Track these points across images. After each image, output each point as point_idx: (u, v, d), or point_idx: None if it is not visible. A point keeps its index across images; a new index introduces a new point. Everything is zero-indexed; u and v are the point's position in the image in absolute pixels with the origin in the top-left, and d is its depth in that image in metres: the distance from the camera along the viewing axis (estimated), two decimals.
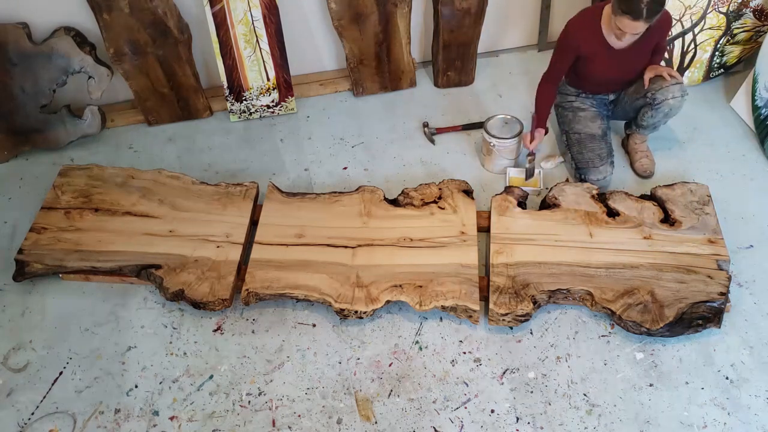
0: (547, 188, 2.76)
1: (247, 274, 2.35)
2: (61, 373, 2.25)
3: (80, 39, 2.82)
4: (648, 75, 2.56)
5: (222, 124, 3.15)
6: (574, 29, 2.54)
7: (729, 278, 2.26)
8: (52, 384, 2.22)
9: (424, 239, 2.44)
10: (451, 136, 3.03)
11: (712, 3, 2.90)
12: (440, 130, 3.04)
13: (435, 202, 2.56)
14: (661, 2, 2.25)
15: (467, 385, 2.17)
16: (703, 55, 3.06)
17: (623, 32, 2.36)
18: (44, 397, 2.18)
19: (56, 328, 2.37)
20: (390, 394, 2.16)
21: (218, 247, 2.44)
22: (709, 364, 2.19)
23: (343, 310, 2.26)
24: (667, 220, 2.46)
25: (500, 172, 2.84)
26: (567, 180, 2.77)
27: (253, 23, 2.87)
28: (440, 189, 2.60)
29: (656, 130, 2.76)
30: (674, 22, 2.95)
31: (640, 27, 2.30)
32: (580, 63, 2.61)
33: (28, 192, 2.85)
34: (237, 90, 3.05)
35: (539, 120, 2.70)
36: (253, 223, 2.57)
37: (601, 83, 2.72)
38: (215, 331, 2.35)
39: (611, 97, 2.80)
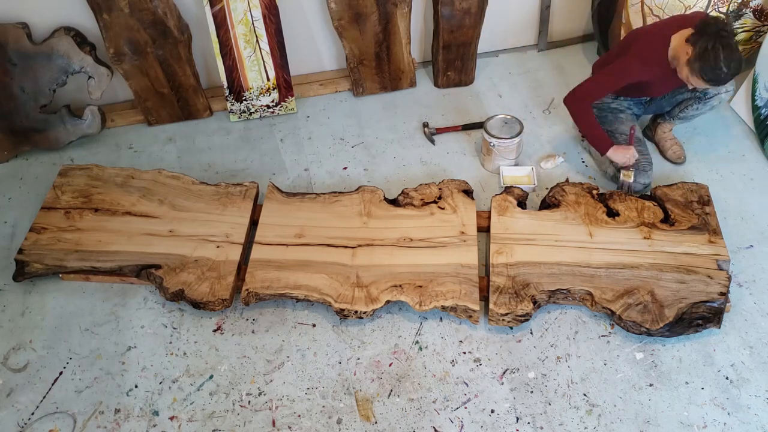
0: (546, 188, 2.76)
1: (247, 274, 2.35)
2: (61, 373, 2.25)
3: (80, 39, 2.82)
4: None
5: (222, 124, 3.15)
6: (642, 68, 2.42)
7: (729, 278, 2.26)
8: (52, 384, 2.22)
9: (424, 239, 2.44)
10: (451, 136, 3.03)
11: (712, 3, 2.90)
12: (440, 130, 3.04)
13: (435, 202, 2.56)
14: (738, 71, 2.24)
15: (467, 385, 2.17)
16: None
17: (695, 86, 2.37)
18: (44, 397, 2.18)
19: (56, 328, 2.37)
20: (390, 394, 2.16)
21: (218, 247, 2.44)
22: (709, 364, 2.19)
23: (343, 310, 2.26)
24: (667, 220, 2.46)
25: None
26: (567, 180, 2.77)
27: (253, 23, 2.87)
28: (440, 189, 2.60)
29: (690, 121, 2.78)
30: None
31: None
32: (637, 83, 2.52)
33: (28, 192, 2.85)
34: (237, 90, 3.05)
35: (605, 138, 2.54)
36: (253, 223, 2.57)
37: (652, 93, 2.69)
38: (215, 331, 2.35)
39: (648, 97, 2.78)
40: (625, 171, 2.60)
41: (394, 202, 2.59)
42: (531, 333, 2.30)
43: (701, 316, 2.18)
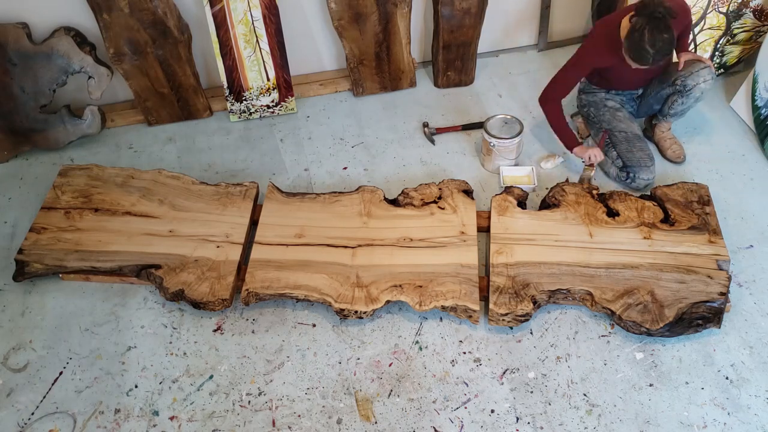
0: (546, 188, 2.76)
1: (247, 274, 2.35)
2: (61, 373, 2.25)
3: (80, 39, 2.82)
4: (682, 58, 2.58)
5: (222, 124, 3.15)
6: (595, 53, 2.52)
7: (729, 278, 2.26)
8: (52, 384, 2.22)
9: (424, 239, 2.44)
10: (451, 136, 3.03)
11: (712, 3, 2.90)
12: (440, 130, 3.04)
13: (435, 202, 2.56)
14: (667, 51, 2.27)
15: (467, 385, 2.17)
16: (703, 55, 3.06)
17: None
18: (44, 397, 2.18)
19: (56, 328, 2.37)
20: (390, 394, 2.16)
21: (218, 247, 2.44)
22: (709, 364, 2.19)
23: (343, 310, 2.26)
24: (667, 220, 2.46)
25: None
26: (567, 180, 2.77)
27: (253, 23, 2.87)
28: (440, 189, 2.60)
29: (683, 116, 2.79)
30: None
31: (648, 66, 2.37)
32: (602, 71, 2.62)
33: (28, 192, 2.85)
34: (237, 90, 3.05)
35: (572, 136, 2.66)
36: (253, 223, 2.57)
37: (628, 82, 2.73)
38: (215, 331, 2.35)
39: (639, 91, 2.81)
40: (587, 167, 2.67)
41: (394, 202, 2.59)
42: (531, 333, 2.30)
43: (701, 316, 2.18)
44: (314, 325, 2.35)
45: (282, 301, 2.41)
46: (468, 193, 2.59)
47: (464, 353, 2.25)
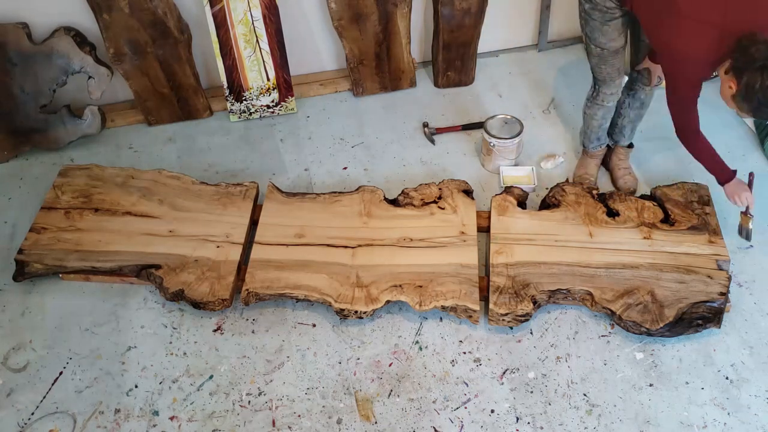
0: (546, 188, 2.76)
1: (247, 274, 2.35)
2: (61, 373, 2.25)
3: (80, 39, 2.82)
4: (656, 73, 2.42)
5: (222, 124, 3.15)
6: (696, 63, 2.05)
7: (729, 278, 2.26)
8: (52, 384, 2.22)
9: (424, 239, 2.44)
10: (451, 136, 3.03)
11: None
12: (440, 130, 3.04)
13: (435, 202, 2.56)
14: None
15: (467, 385, 2.17)
16: None
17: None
18: (44, 397, 2.18)
19: (56, 328, 2.37)
20: (390, 394, 2.16)
21: (218, 247, 2.44)
22: (709, 364, 2.19)
23: (343, 310, 2.26)
24: (667, 220, 2.46)
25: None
26: (567, 180, 2.77)
27: (253, 23, 2.87)
28: (440, 189, 2.60)
29: (635, 126, 2.68)
30: None
31: None
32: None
33: (28, 192, 2.85)
34: (237, 90, 3.05)
35: (725, 167, 2.30)
36: (253, 223, 2.57)
37: None
38: (215, 331, 2.35)
39: None
40: (743, 216, 2.39)
41: (394, 202, 2.59)
42: (531, 333, 2.30)
43: (701, 316, 2.18)
44: (314, 325, 2.35)
45: (282, 301, 2.41)
46: (468, 193, 2.59)
47: (464, 353, 2.25)
